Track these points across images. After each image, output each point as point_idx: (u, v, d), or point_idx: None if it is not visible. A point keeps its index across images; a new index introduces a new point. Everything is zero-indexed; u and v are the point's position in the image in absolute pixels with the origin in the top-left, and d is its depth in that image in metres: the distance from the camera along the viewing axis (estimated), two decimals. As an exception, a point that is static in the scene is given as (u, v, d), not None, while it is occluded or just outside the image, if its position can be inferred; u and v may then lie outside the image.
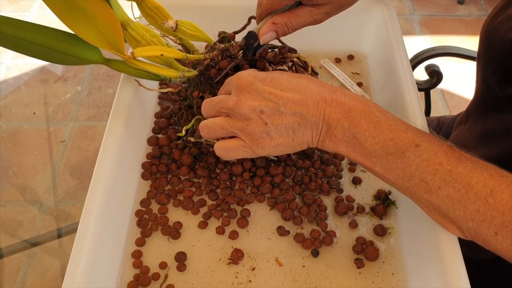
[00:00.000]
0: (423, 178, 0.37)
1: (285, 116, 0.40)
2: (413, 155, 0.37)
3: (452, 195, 0.37)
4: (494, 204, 0.35)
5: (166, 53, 0.47)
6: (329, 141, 0.40)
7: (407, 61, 0.58)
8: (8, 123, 1.44)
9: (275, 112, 0.40)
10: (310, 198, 0.53)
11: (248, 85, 0.41)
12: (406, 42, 0.60)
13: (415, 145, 0.38)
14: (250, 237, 0.51)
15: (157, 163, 0.56)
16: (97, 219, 0.44)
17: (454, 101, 1.50)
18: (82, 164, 1.34)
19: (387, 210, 0.53)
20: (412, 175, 0.38)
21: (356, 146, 0.39)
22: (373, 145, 0.39)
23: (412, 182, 0.38)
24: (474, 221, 0.36)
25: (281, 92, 0.40)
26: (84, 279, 0.41)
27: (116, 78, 1.57)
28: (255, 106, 0.40)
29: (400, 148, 0.38)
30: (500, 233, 0.35)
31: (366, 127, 0.39)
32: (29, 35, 0.46)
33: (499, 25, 0.51)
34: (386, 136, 0.38)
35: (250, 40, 0.48)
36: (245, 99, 0.41)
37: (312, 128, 0.40)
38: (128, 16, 0.49)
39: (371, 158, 0.39)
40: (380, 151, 0.38)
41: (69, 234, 1.20)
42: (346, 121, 0.39)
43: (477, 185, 0.36)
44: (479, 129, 0.59)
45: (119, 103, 0.53)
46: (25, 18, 1.73)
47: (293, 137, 0.41)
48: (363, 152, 0.39)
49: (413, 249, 0.48)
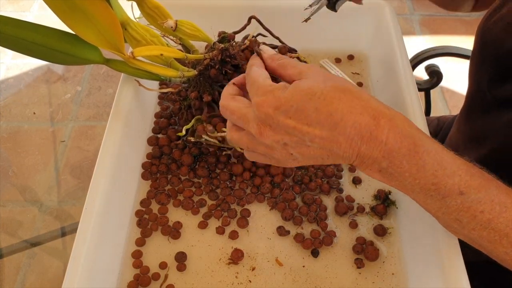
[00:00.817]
0: (459, 218, 0.36)
1: (312, 149, 0.36)
2: (454, 201, 0.35)
3: (485, 237, 0.36)
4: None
5: (166, 53, 0.47)
6: (363, 169, 0.37)
7: (407, 61, 0.58)
8: (8, 123, 1.44)
9: (300, 145, 0.36)
10: (310, 198, 0.53)
11: (268, 118, 0.36)
12: (406, 42, 0.60)
13: (459, 192, 0.35)
14: (250, 237, 0.51)
15: (157, 163, 0.56)
16: (97, 219, 0.44)
17: (454, 101, 1.50)
18: (82, 164, 1.34)
19: (387, 210, 0.53)
20: (448, 213, 0.36)
21: (393, 181, 0.37)
22: (412, 185, 0.36)
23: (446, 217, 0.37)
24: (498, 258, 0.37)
25: (307, 127, 0.35)
26: (84, 279, 0.41)
27: (116, 78, 1.57)
28: (278, 140, 0.37)
29: (442, 194, 0.35)
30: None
31: (408, 168, 0.35)
32: (29, 35, 0.46)
33: (493, 25, 0.51)
34: (429, 180, 0.35)
35: None
36: (266, 132, 0.37)
37: (343, 159, 0.37)
38: (128, 16, 0.49)
39: (407, 191, 0.37)
40: (418, 190, 0.36)
41: (69, 234, 1.20)
42: (385, 161, 0.35)
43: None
44: (467, 130, 0.59)
45: (119, 103, 0.53)
46: (25, 18, 1.73)
47: (322, 162, 0.38)
48: (400, 186, 0.37)
49: (413, 249, 0.48)
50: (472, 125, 0.58)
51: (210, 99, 0.51)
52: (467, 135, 0.59)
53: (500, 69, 0.50)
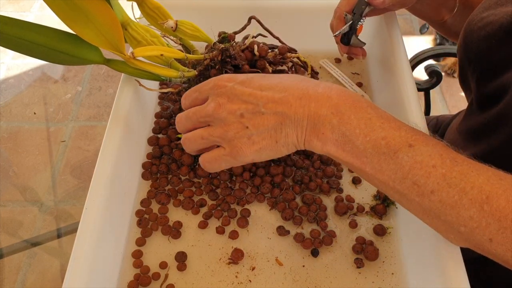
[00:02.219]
0: (415, 181, 0.35)
1: (266, 116, 0.38)
2: (406, 156, 0.35)
3: (445, 200, 0.35)
4: (490, 211, 0.33)
5: (166, 53, 0.47)
6: (317, 140, 0.38)
7: (407, 61, 0.58)
8: (8, 123, 1.44)
9: (255, 114, 0.38)
10: (310, 198, 0.53)
11: (227, 90, 0.39)
12: (406, 42, 0.60)
13: (409, 145, 0.36)
14: (250, 237, 0.51)
15: (157, 163, 0.56)
16: (98, 219, 0.44)
17: (454, 101, 1.50)
18: (82, 164, 1.34)
19: (387, 210, 0.53)
20: (404, 177, 0.36)
21: (346, 145, 0.37)
22: (364, 144, 0.36)
23: (403, 185, 0.36)
24: (467, 227, 0.35)
25: (261, 92, 0.39)
26: (84, 279, 0.41)
27: (116, 78, 1.57)
28: (235, 110, 0.39)
29: (393, 148, 0.36)
30: (495, 240, 0.34)
31: (357, 124, 0.37)
32: (30, 35, 0.46)
33: (474, 25, 0.52)
34: (378, 134, 0.36)
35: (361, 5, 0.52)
36: (224, 103, 0.39)
37: (296, 126, 0.38)
38: (129, 16, 0.49)
39: (361, 158, 0.37)
40: (371, 150, 0.36)
41: (69, 234, 1.20)
42: (335, 117, 0.37)
43: (472, 191, 0.34)
44: (463, 128, 0.59)
45: (119, 103, 0.53)
46: (26, 18, 1.73)
47: (276, 138, 0.39)
48: (354, 151, 0.37)
49: (413, 249, 0.48)
50: (468, 122, 0.58)
51: None
52: (464, 132, 0.59)
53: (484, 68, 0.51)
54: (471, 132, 0.57)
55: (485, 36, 0.49)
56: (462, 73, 0.57)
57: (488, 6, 0.51)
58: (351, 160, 0.38)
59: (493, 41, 0.48)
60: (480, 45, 0.50)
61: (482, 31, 0.50)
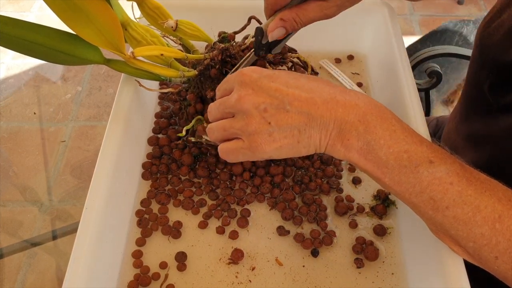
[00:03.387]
0: (432, 196, 0.36)
1: (290, 114, 0.37)
2: (426, 171, 0.36)
3: (459, 217, 0.36)
4: (501, 230, 0.34)
5: (166, 53, 0.47)
6: (341, 146, 0.37)
7: (407, 61, 0.58)
8: (8, 123, 1.44)
9: (279, 110, 0.37)
10: (310, 198, 0.53)
11: (253, 82, 0.38)
12: (406, 42, 0.60)
13: (429, 161, 0.36)
14: (250, 237, 0.51)
15: (157, 163, 0.56)
16: (98, 219, 0.44)
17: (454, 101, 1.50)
18: (82, 164, 1.34)
19: (387, 210, 0.53)
20: (422, 191, 0.36)
21: (369, 154, 0.37)
22: (387, 155, 0.36)
23: (420, 198, 0.37)
24: (476, 243, 0.36)
25: (287, 88, 0.38)
26: (84, 279, 0.41)
27: (116, 78, 1.57)
28: (259, 103, 0.37)
29: (414, 163, 0.36)
30: (501, 258, 0.35)
31: (382, 134, 0.36)
32: (30, 35, 0.46)
33: (493, 30, 0.51)
34: (402, 147, 0.36)
35: (257, 36, 0.46)
36: (248, 95, 0.38)
37: (321, 129, 0.37)
38: (129, 16, 0.49)
39: (382, 169, 0.37)
40: (393, 162, 0.36)
41: (69, 234, 1.20)
42: (362, 125, 0.36)
43: (485, 210, 0.35)
44: (465, 130, 0.59)
45: (119, 103, 0.53)
46: (26, 18, 1.73)
47: (298, 138, 0.38)
48: (376, 160, 0.37)
49: (413, 249, 0.48)
50: (471, 125, 0.58)
51: (213, 95, 0.51)
52: (465, 135, 0.59)
53: (501, 77, 0.50)
54: (473, 137, 0.56)
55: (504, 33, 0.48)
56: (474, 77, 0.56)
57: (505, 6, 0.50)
58: (371, 169, 0.38)
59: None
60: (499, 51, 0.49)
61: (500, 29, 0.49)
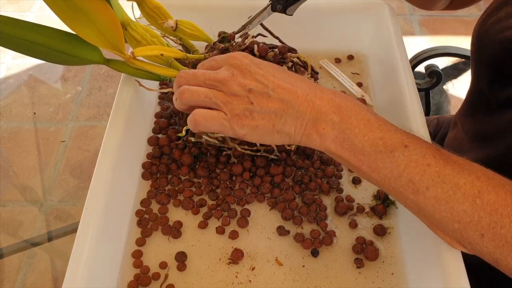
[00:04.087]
0: (410, 179, 0.37)
1: (272, 100, 0.39)
2: (402, 155, 0.37)
3: (440, 196, 0.36)
4: (482, 205, 0.35)
5: (166, 53, 0.47)
6: (316, 135, 0.39)
7: (407, 61, 0.58)
8: (8, 123, 1.44)
9: (263, 94, 0.40)
10: (310, 198, 0.53)
11: (243, 65, 0.41)
12: (406, 42, 0.60)
13: (404, 145, 0.37)
14: (250, 237, 0.51)
15: (157, 163, 0.56)
16: (97, 219, 0.44)
17: (454, 101, 1.50)
18: (82, 164, 1.34)
19: (387, 210, 0.53)
20: (399, 175, 0.37)
21: (345, 142, 0.39)
22: (362, 143, 0.38)
23: (399, 183, 0.38)
24: (460, 222, 0.36)
25: (273, 78, 0.40)
26: (84, 279, 0.41)
27: (116, 78, 1.57)
28: (245, 84, 0.40)
29: (389, 148, 0.37)
30: (486, 235, 0.35)
31: (356, 124, 0.38)
32: (30, 35, 0.46)
33: (490, 27, 0.51)
34: (376, 134, 0.38)
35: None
36: (237, 75, 0.40)
37: (297, 118, 0.39)
38: (129, 16, 0.49)
39: (358, 156, 0.38)
40: (369, 149, 0.38)
41: (69, 234, 1.20)
42: (336, 116, 0.39)
43: (464, 186, 0.36)
44: (471, 130, 0.59)
45: (119, 103, 0.53)
46: (26, 18, 1.73)
47: (274, 122, 0.40)
48: (352, 148, 0.38)
49: (413, 249, 0.48)
50: (476, 124, 0.58)
51: None
52: (472, 134, 0.58)
53: (499, 73, 0.50)
54: (479, 135, 0.56)
55: (502, 39, 0.49)
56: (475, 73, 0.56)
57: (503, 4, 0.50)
58: (348, 157, 0.39)
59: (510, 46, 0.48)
60: (496, 48, 0.49)
61: (499, 34, 0.49)
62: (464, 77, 1.47)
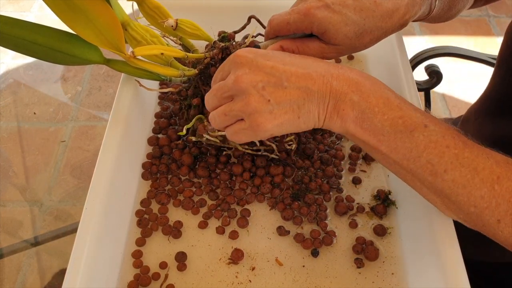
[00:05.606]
0: (429, 160, 0.36)
1: (288, 90, 0.38)
2: (421, 135, 0.36)
3: (458, 180, 0.36)
4: (500, 191, 0.35)
5: (166, 52, 0.47)
6: (337, 117, 0.38)
7: (407, 61, 0.58)
8: (8, 123, 1.44)
9: (278, 87, 0.38)
10: (310, 198, 0.53)
11: (249, 61, 0.39)
12: (406, 42, 0.60)
13: (424, 125, 0.37)
14: (250, 237, 0.51)
15: (157, 163, 0.56)
16: (97, 219, 0.44)
17: (454, 101, 1.50)
18: (82, 164, 1.34)
19: (387, 210, 0.53)
20: (418, 156, 0.37)
21: (365, 122, 0.38)
22: (382, 122, 0.37)
23: (417, 163, 0.37)
24: (477, 207, 0.36)
25: (283, 66, 0.38)
26: (84, 279, 0.41)
27: (116, 78, 1.57)
28: (256, 82, 0.38)
29: (409, 127, 0.37)
30: (503, 221, 0.35)
31: (376, 102, 0.37)
32: (30, 35, 0.46)
33: None
34: (396, 113, 0.37)
35: None
36: (245, 74, 0.38)
37: (318, 102, 0.38)
38: (129, 16, 0.49)
39: (378, 136, 0.38)
40: (388, 129, 0.37)
41: (69, 234, 1.20)
42: (355, 95, 0.38)
43: (483, 171, 0.35)
44: (489, 130, 0.57)
45: (119, 103, 0.53)
46: (26, 18, 1.73)
47: (298, 113, 0.38)
48: (372, 128, 0.38)
49: (413, 249, 0.48)
50: (500, 129, 0.56)
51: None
52: (489, 135, 0.57)
53: None
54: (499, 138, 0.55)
55: None
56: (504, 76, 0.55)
57: None
58: (367, 138, 0.38)
59: None
60: None
61: None
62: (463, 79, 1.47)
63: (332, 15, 0.42)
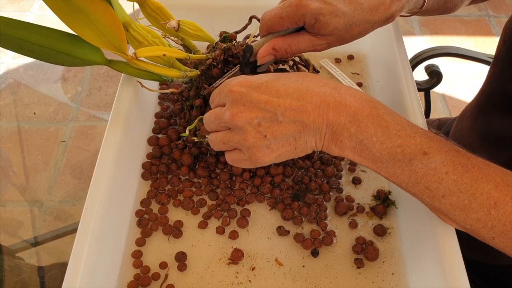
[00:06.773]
0: (428, 186, 0.37)
1: (284, 125, 0.38)
2: (420, 164, 0.37)
3: (455, 204, 0.37)
4: (497, 216, 0.36)
5: (168, 53, 0.47)
6: (335, 146, 0.39)
7: (407, 61, 0.58)
8: (8, 123, 1.44)
9: (273, 122, 0.38)
10: (310, 198, 0.53)
11: (242, 97, 0.39)
12: (406, 42, 0.60)
13: (423, 153, 0.37)
14: (250, 237, 0.51)
15: (157, 163, 0.56)
16: (97, 219, 0.44)
17: (454, 101, 1.50)
18: (82, 164, 1.34)
19: (387, 210, 0.53)
20: (417, 182, 0.37)
21: (363, 152, 0.38)
22: (380, 151, 0.37)
23: (416, 188, 0.38)
24: (473, 226, 0.37)
25: (278, 99, 0.38)
26: (84, 279, 0.41)
27: (116, 79, 1.57)
28: (251, 119, 0.38)
29: (408, 156, 0.37)
30: (497, 238, 0.36)
31: (374, 132, 0.37)
32: (30, 36, 0.46)
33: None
34: (394, 142, 0.37)
35: (246, 54, 0.47)
36: (240, 112, 0.39)
37: (315, 134, 0.39)
38: (130, 17, 0.49)
39: (377, 163, 0.38)
40: (387, 158, 0.37)
41: (69, 234, 1.20)
42: (353, 126, 0.38)
43: (481, 197, 0.36)
44: (481, 128, 0.58)
45: (119, 103, 0.53)
46: (26, 19, 1.73)
47: (295, 145, 0.39)
48: (370, 157, 0.38)
49: (413, 249, 0.48)
50: (490, 124, 0.57)
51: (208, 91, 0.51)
52: (483, 134, 0.58)
53: None
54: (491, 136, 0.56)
55: None
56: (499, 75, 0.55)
57: None
58: (366, 164, 0.39)
59: None
60: None
61: None
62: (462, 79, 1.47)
63: (324, 5, 0.42)
